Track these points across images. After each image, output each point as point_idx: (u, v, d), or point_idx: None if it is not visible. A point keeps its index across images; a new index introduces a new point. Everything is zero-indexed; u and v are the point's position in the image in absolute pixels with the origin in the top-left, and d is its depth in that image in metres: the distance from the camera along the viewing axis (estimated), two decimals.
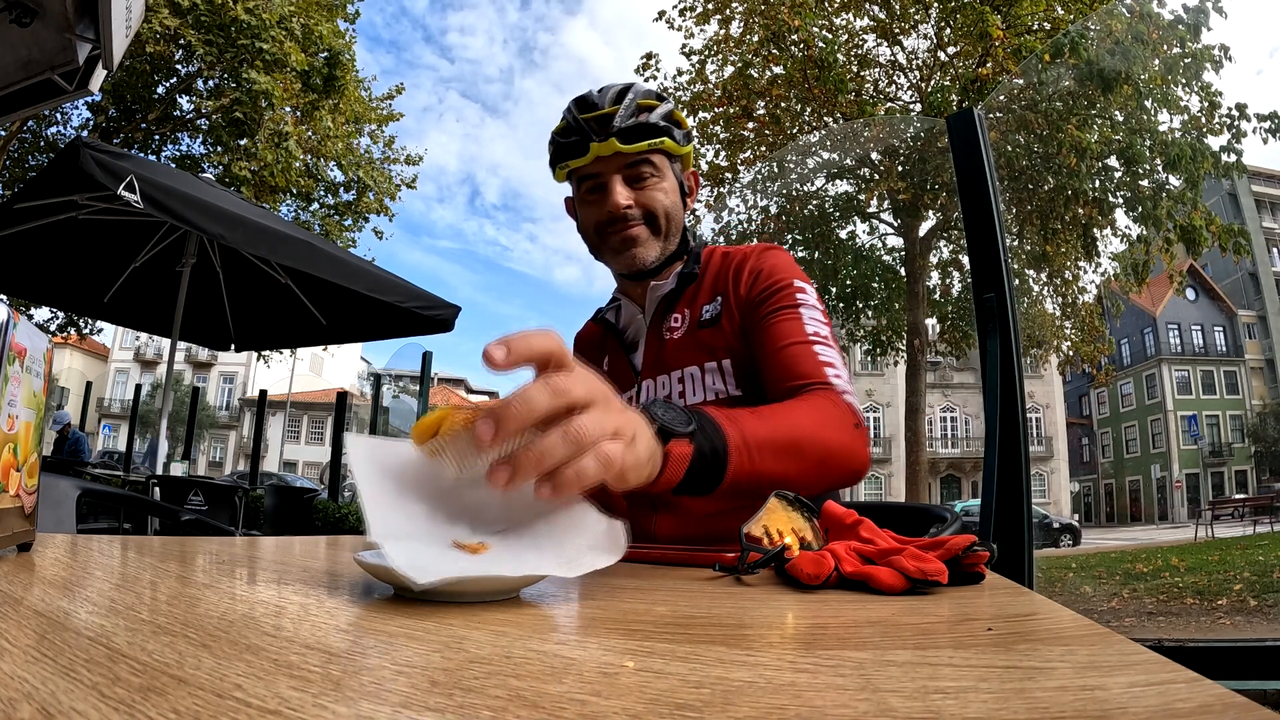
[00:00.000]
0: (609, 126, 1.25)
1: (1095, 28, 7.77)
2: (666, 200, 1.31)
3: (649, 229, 1.31)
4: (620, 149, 1.25)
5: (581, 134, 1.28)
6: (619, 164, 1.28)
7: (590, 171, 1.30)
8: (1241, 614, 5.23)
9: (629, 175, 1.29)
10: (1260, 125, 7.82)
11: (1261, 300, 13.62)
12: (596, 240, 1.35)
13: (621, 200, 1.27)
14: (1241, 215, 11.48)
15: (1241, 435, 16.86)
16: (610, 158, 1.27)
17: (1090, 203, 7.86)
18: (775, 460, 0.85)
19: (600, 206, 1.30)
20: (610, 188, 1.28)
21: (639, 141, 1.26)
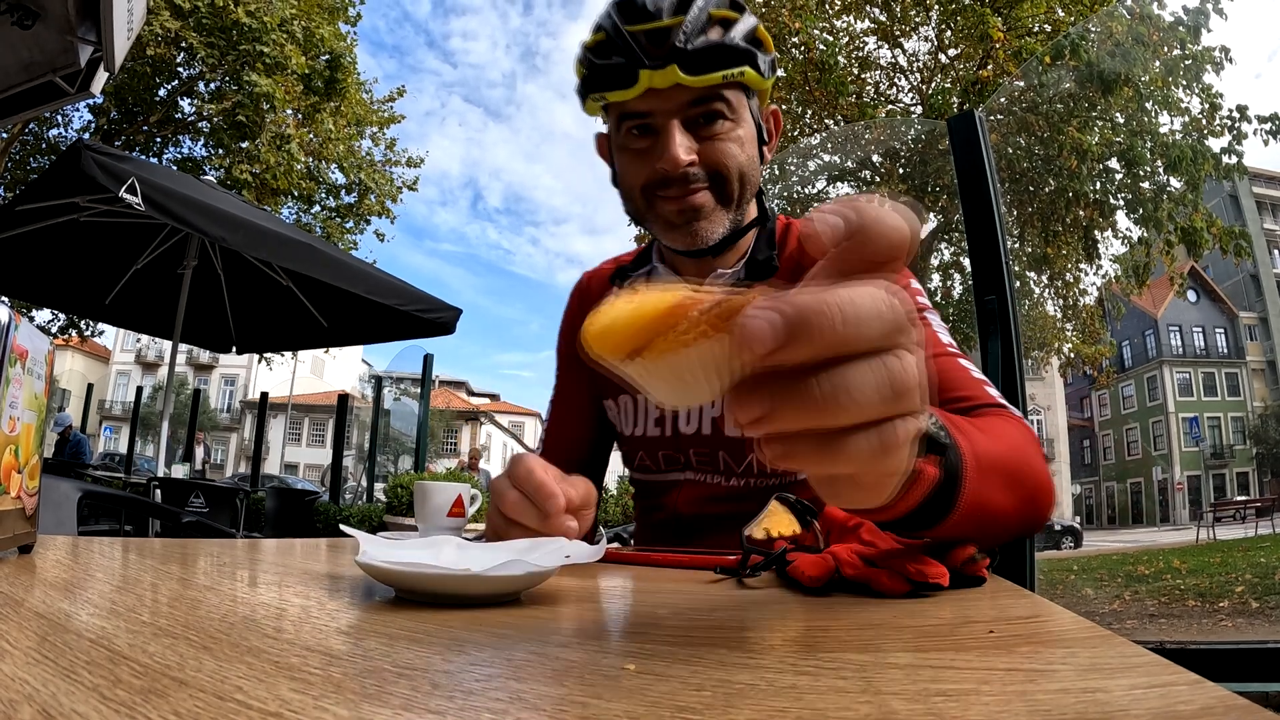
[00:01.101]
0: (667, 46, 0.93)
1: (1096, 29, 7.77)
2: (742, 156, 1.01)
3: (716, 195, 1.01)
4: (684, 80, 0.93)
5: (628, 55, 0.95)
6: (680, 101, 0.96)
7: (638, 109, 0.98)
8: (1243, 616, 5.22)
9: (692, 117, 0.98)
10: (1261, 127, 7.83)
11: (1263, 302, 13.61)
12: (642, 204, 1.04)
13: (683, 155, 0.97)
14: (1243, 217, 11.48)
15: (1243, 437, 16.86)
16: (668, 92, 0.95)
17: (1091, 205, 7.86)
18: (1001, 489, 0.63)
19: (650, 160, 1.00)
20: (667, 136, 0.97)
21: (712, 72, 0.94)
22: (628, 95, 0.96)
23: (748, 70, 0.96)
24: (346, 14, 13.32)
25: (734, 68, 0.95)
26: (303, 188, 12.80)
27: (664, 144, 0.98)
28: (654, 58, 0.94)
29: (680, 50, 0.93)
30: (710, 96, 0.97)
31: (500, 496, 0.81)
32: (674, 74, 0.93)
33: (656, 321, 0.33)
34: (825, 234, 0.34)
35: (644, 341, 0.33)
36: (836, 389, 0.31)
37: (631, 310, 0.33)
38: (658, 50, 0.94)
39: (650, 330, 0.33)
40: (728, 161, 1.00)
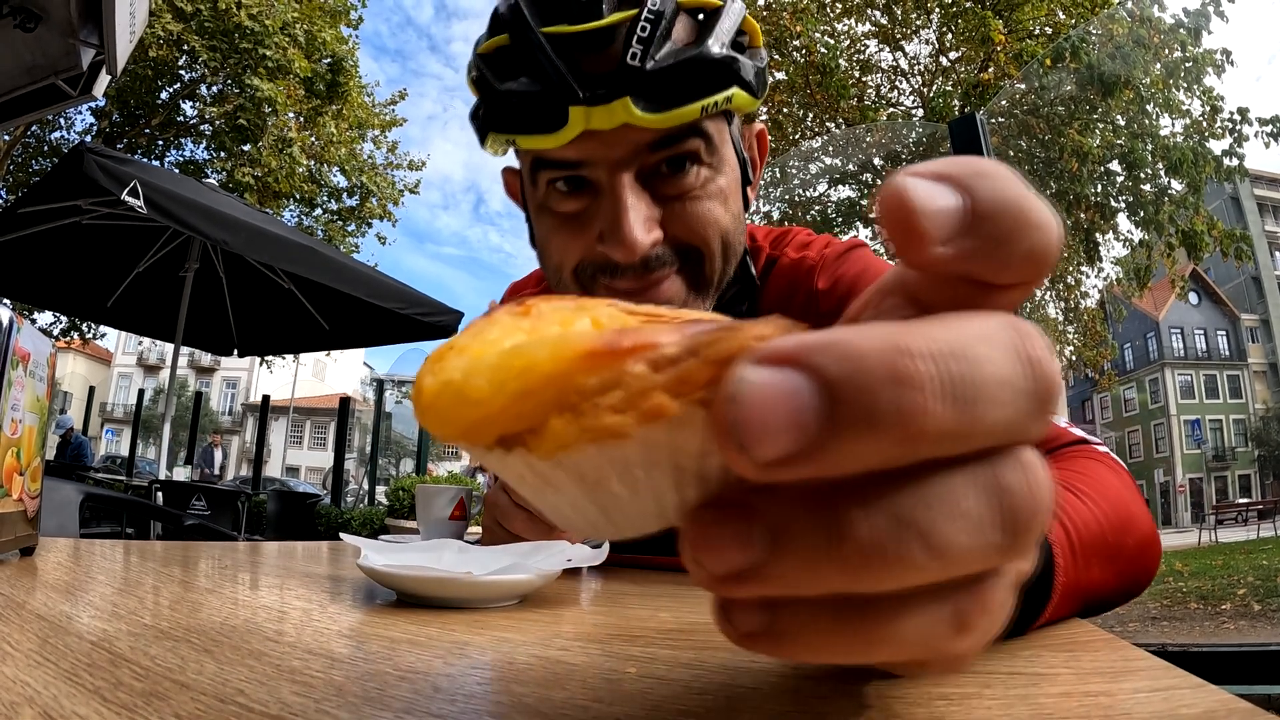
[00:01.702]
0: (612, 60, 0.62)
1: (1097, 32, 7.78)
2: (725, 218, 0.70)
3: (689, 280, 0.71)
4: (642, 120, 0.62)
5: (547, 80, 0.63)
6: (634, 146, 0.65)
7: (571, 158, 0.67)
8: (1245, 618, 5.21)
9: (652, 166, 0.67)
10: (1262, 130, 7.83)
11: (1264, 304, 13.60)
12: (575, 290, 0.72)
13: (642, 237, 0.65)
14: (1244, 219, 11.48)
15: (1245, 439, 16.84)
16: (617, 134, 0.64)
17: (1092, 207, 7.85)
18: (1104, 564, 0.52)
19: (586, 232, 0.69)
20: (617, 204, 0.65)
21: (684, 104, 0.63)
22: (552, 142, 0.64)
23: (736, 93, 0.65)
24: (348, 17, 13.34)
25: (717, 93, 0.64)
26: (304, 191, 12.81)
27: (612, 219, 0.65)
28: (592, 85, 0.62)
29: (635, 71, 0.61)
30: (679, 135, 0.66)
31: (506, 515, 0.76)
32: (625, 111, 0.61)
33: (556, 382, 0.17)
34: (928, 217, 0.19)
35: (529, 419, 0.18)
36: (902, 530, 0.17)
37: (507, 357, 0.18)
38: (597, 67, 0.63)
39: (544, 398, 0.17)
40: (706, 232, 0.69)
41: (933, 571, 0.17)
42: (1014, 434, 0.18)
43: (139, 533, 3.21)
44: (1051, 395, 0.18)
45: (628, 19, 0.62)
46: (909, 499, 0.17)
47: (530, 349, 0.18)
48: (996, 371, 0.17)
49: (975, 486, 0.18)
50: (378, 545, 0.62)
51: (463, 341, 0.19)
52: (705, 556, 0.18)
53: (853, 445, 0.16)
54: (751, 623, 0.19)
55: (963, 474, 0.18)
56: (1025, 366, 0.18)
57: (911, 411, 0.16)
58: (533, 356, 0.17)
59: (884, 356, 0.16)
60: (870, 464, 0.17)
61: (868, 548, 0.17)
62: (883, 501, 0.17)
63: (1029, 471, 0.18)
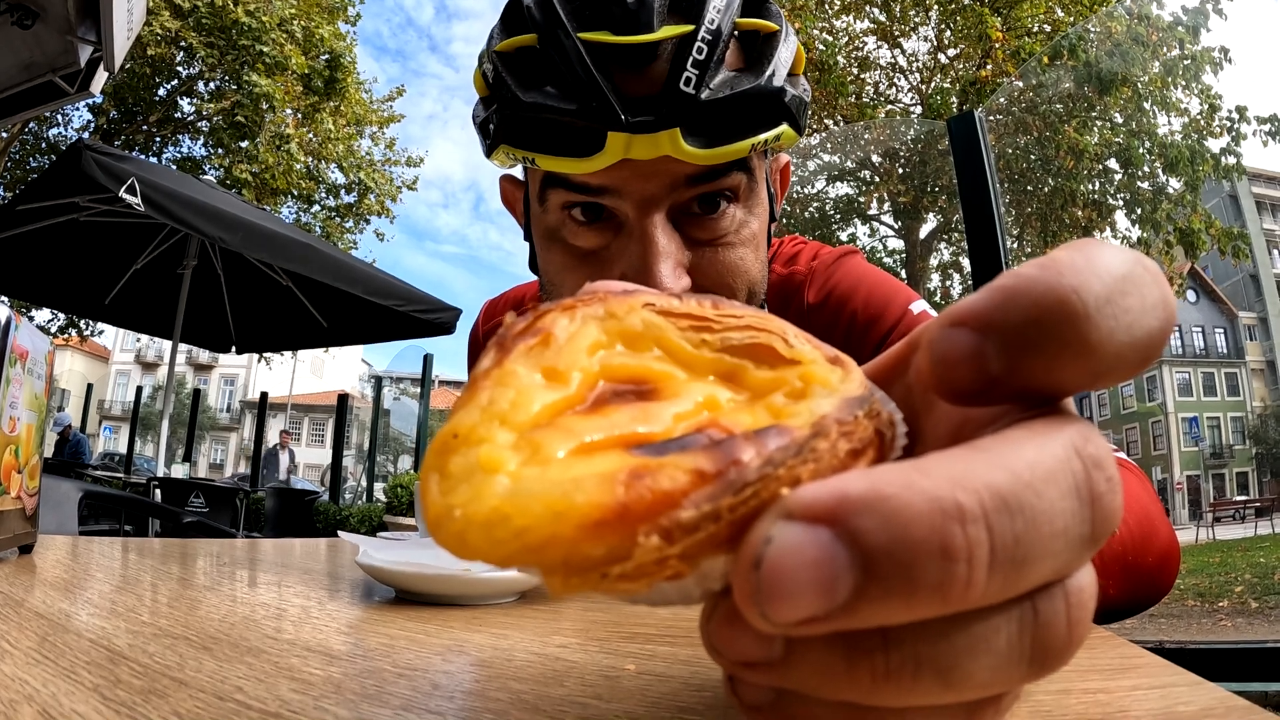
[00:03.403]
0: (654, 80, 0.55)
1: (1095, 30, 7.78)
2: (755, 266, 0.65)
3: None
4: (690, 155, 0.56)
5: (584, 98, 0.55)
6: (671, 180, 0.58)
7: (596, 185, 0.59)
8: (1243, 616, 5.22)
9: (684, 205, 0.61)
10: (1260, 128, 7.83)
11: (1262, 302, 13.60)
12: None
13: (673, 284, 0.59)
14: (1242, 217, 11.48)
15: (1242, 437, 16.85)
16: (654, 165, 0.57)
17: (1089, 205, 7.86)
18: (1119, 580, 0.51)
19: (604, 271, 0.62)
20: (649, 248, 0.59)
21: (736, 140, 0.57)
22: (580, 168, 0.57)
23: (785, 130, 0.59)
24: (346, 13, 13.32)
25: (769, 130, 0.58)
26: (302, 187, 12.80)
27: (642, 263, 0.59)
28: (636, 108, 0.55)
29: (688, 100, 0.55)
30: (722, 171, 0.59)
31: None
32: (672, 144, 0.55)
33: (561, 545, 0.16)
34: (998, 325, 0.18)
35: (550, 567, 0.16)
36: (921, 667, 0.16)
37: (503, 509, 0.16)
38: (640, 88, 0.55)
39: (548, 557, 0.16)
40: (735, 282, 0.63)
41: (949, 700, 0.17)
42: (1059, 575, 0.17)
43: (137, 530, 3.21)
44: (1109, 531, 0.17)
45: (680, 35, 0.55)
46: (934, 639, 0.16)
47: (528, 504, 0.16)
48: (1054, 523, 0.16)
49: (1008, 622, 0.17)
50: (376, 543, 0.62)
51: (467, 425, 0.18)
52: (722, 643, 0.18)
53: (883, 611, 0.15)
54: (759, 699, 0.19)
55: (997, 615, 0.16)
56: (1086, 508, 0.16)
57: (955, 583, 0.15)
58: (532, 516, 0.16)
59: (932, 522, 0.15)
60: (900, 622, 0.16)
61: (881, 674, 0.16)
62: (906, 638, 0.16)
63: (1071, 601, 0.17)
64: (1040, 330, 0.17)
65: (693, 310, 0.21)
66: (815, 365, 0.20)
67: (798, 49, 0.62)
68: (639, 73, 0.55)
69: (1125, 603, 0.54)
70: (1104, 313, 0.17)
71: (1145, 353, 0.18)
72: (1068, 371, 0.17)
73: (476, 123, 0.64)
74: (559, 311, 0.20)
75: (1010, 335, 0.17)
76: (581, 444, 0.17)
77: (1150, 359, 0.18)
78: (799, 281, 0.83)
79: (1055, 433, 0.17)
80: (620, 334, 0.20)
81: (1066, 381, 0.18)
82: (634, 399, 0.19)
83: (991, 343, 0.18)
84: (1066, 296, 0.17)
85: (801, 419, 0.18)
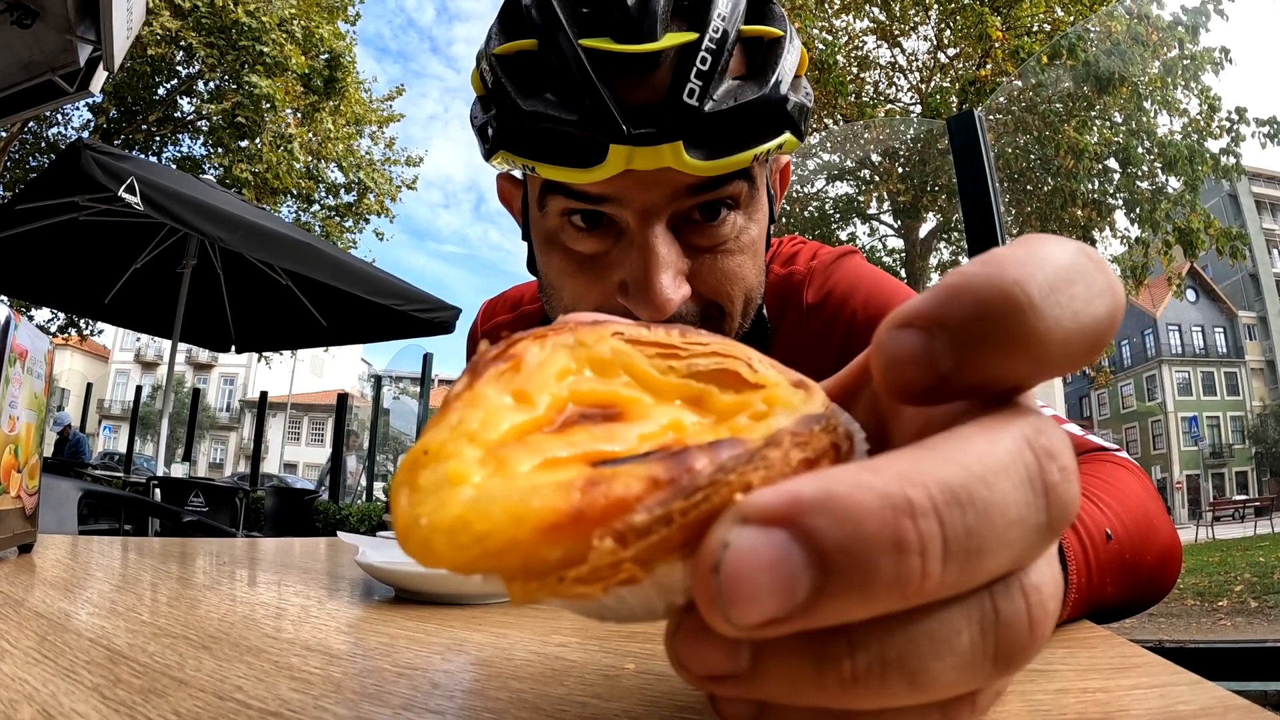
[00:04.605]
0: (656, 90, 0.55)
1: (1095, 29, 7.78)
2: (753, 274, 0.65)
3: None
4: (692, 167, 0.55)
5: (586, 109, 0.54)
6: (672, 190, 0.58)
7: (597, 194, 0.59)
8: (1242, 615, 5.23)
9: (685, 213, 0.60)
10: (1259, 130, 7.83)
11: (1262, 301, 13.61)
12: None
13: (673, 295, 0.59)
14: (1242, 217, 11.48)
15: (1242, 436, 16.84)
16: (653, 175, 0.56)
17: (1089, 205, 7.86)
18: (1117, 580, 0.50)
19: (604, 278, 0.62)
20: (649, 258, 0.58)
21: (739, 150, 0.57)
22: (582, 178, 0.56)
23: (788, 138, 0.59)
24: (345, 13, 13.32)
25: (772, 139, 0.58)
26: (302, 187, 12.79)
27: (642, 271, 0.59)
28: (639, 119, 0.54)
29: (691, 112, 0.54)
30: (722, 180, 0.59)
31: None
32: (675, 156, 0.55)
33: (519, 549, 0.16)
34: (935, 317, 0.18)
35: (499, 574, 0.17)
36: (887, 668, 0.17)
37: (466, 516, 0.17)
38: (641, 97, 0.55)
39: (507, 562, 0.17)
40: (733, 290, 0.63)
41: (917, 701, 0.17)
42: (1018, 565, 0.17)
43: (137, 529, 3.21)
44: (1066, 521, 0.17)
45: (683, 44, 0.54)
46: (898, 639, 0.17)
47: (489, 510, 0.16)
48: (1007, 514, 0.16)
49: (969, 622, 0.17)
50: (375, 542, 0.62)
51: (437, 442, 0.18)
52: (688, 657, 0.18)
53: (843, 607, 0.15)
54: (740, 714, 0.19)
55: (957, 611, 0.17)
56: (1040, 498, 0.17)
57: (911, 576, 0.15)
58: (492, 521, 0.16)
59: (884, 518, 0.15)
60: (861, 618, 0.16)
61: (848, 678, 0.16)
62: (870, 641, 0.16)
63: (1030, 598, 0.18)
64: (986, 325, 0.17)
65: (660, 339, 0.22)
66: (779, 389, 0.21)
67: (801, 53, 0.61)
68: (641, 81, 0.55)
69: (1125, 602, 0.54)
70: (1049, 302, 0.17)
71: (1094, 340, 0.18)
72: (1017, 363, 0.18)
73: (475, 125, 0.63)
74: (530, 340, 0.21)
75: (957, 332, 0.18)
76: (546, 459, 0.18)
77: (1099, 346, 0.18)
78: (798, 281, 0.82)
79: (1007, 426, 0.17)
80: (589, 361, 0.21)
81: (1017, 374, 0.18)
82: (601, 421, 0.20)
83: (939, 341, 0.18)
84: (1009, 289, 0.17)
85: (758, 433, 0.19)
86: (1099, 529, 0.48)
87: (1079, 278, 0.18)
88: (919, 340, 0.18)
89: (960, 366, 0.18)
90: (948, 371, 0.18)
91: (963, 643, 0.17)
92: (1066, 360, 0.18)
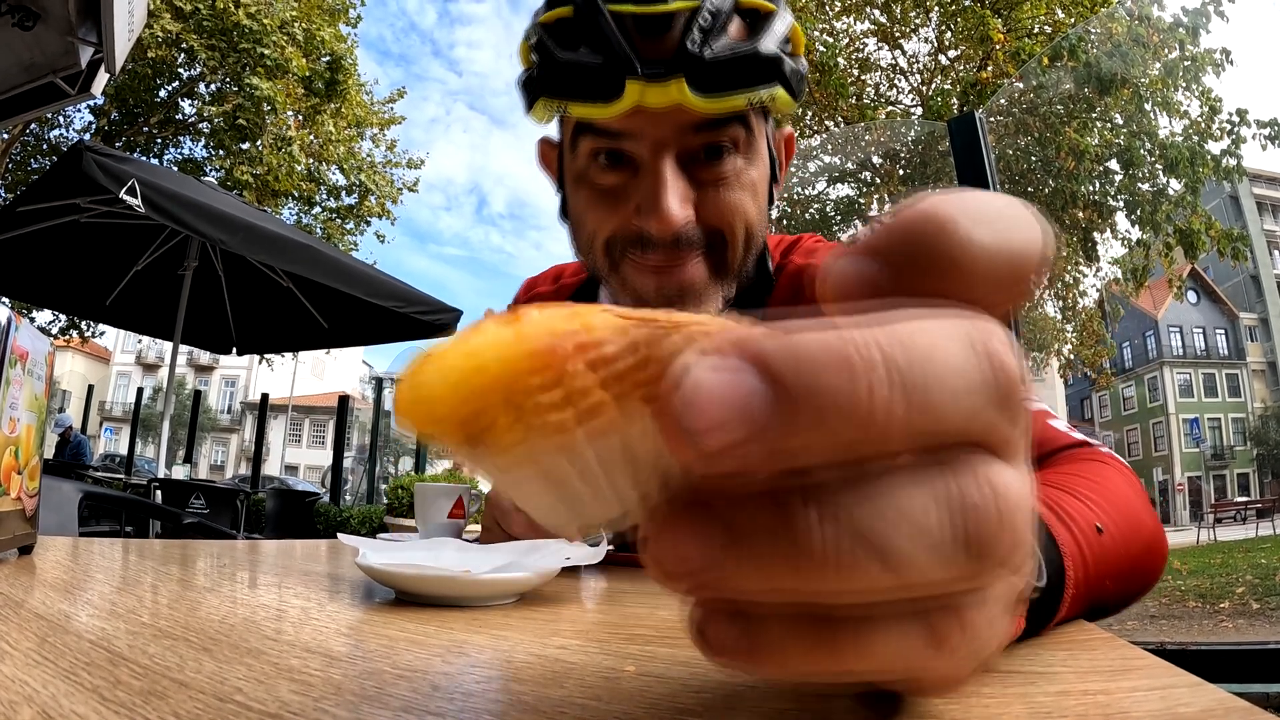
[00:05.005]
0: (671, 45, 0.66)
1: (1095, 31, 7.78)
2: (753, 209, 0.74)
3: (712, 266, 0.74)
4: (693, 103, 0.65)
5: (609, 53, 0.66)
6: (680, 126, 0.69)
7: (615, 129, 0.70)
8: (1244, 617, 5.22)
9: (693, 149, 0.71)
10: (1260, 132, 7.82)
11: (1263, 303, 13.60)
12: (604, 264, 0.76)
13: (678, 214, 0.69)
14: (1243, 218, 11.48)
15: (1243, 438, 16.84)
16: (665, 113, 0.67)
17: (1090, 206, 7.86)
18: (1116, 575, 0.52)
19: (623, 206, 0.73)
20: (657, 181, 0.69)
21: (735, 91, 0.67)
22: (604, 112, 0.67)
23: (779, 92, 0.68)
24: (347, 16, 13.32)
25: (764, 87, 0.67)
26: (303, 189, 12.80)
27: (652, 193, 0.69)
28: (651, 63, 0.65)
29: (692, 57, 0.65)
30: (723, 122, 0.69)
31: (506, 516, 0.79)
32: (679, 92, 0.65)
33: (504, 382, 0.18)
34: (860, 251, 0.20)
35: (485, 418, 0.18)
36: (855, 540, 0.17)
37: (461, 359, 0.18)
38: (657, 50, 0.66)
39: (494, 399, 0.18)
40: (734, 220, 0.73)
41: (890, 583, 0.17)
42: (976, 430, 0.18)
43: (138, 531, 3.21)
44: (1013, 388, 0.18)
45: (689, 8, 0.66)
46: (863, 509, 0.17)
47: (482, 350, 0.18)
48: (949, 360, 0.17)
49: (934, 501, 0.17)
50: (376, 544, 0.62)
51: (440, 349, 0.20)
52: (662, 552, 0.18)
53: (801, 434, 0.16)
54: (726, 637, 0.19)
55: (922, 486, 0.17)
56: (982, 359, 0.17)
57: (860, 398, 0.16)
58: (483, 358, 0.18)
59: (829, 343, 0.16)
60: (824, 456, 0.17)
61: (819, 555, 0.17)
62: (838, 510, 0.17)
63: (998, 491, 0.18)
64: (918, 246, 0.19)
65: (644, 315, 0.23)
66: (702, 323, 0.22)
67: (795, 28, 0.72)
68: (656, 38, 0.66)
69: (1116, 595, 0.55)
70: (978, 224, 0.19)
71: (1018, 265, 0.20)
72: (948, 283, 0.19)
73: (521, 86, 0.74)
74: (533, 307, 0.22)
75: (894, 255, 0.20)
76: None
77: (1024, 272, 0.20)
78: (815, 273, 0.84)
79: (943, 311, 0.18)
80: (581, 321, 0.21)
81: (950, 293, 0.19)
82: None
83: (879, 264, 0.20)
84: (937, 213, 0.19)
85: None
86: (1089, 524, 0.49)
87: (1005, 207, 0.20)
88: (861, 264, 0.20)
89: (899, 287, 0.19)
90: (889, 293, 0.19)
91: (930, 521, 0.17)
92: (995, 283, 0.19)
